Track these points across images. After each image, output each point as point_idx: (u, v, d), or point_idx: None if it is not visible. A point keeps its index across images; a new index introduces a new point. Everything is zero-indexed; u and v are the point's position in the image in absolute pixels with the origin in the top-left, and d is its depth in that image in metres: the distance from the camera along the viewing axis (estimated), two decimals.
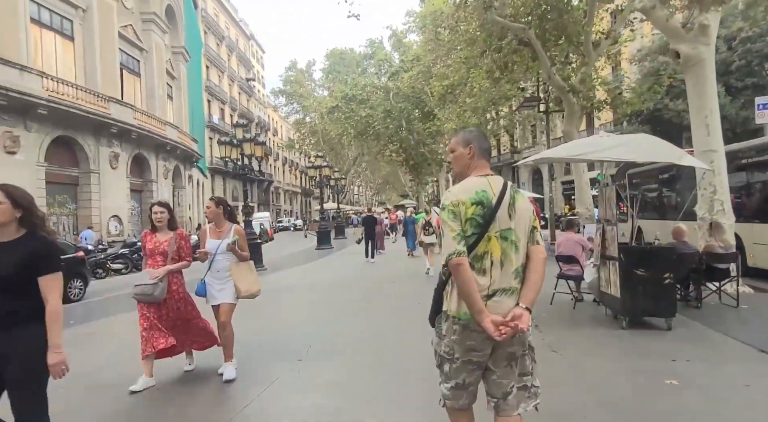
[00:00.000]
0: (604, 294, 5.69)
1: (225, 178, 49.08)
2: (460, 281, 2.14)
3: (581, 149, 5.86)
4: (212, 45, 47.16)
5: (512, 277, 2.21)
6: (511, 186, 2.33)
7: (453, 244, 2.15)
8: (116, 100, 22.13)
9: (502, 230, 2.21)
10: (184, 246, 4.65)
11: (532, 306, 2.19)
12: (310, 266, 15.66)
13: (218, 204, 4.70)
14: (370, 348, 5.59)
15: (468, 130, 2.52)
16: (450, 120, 24.61)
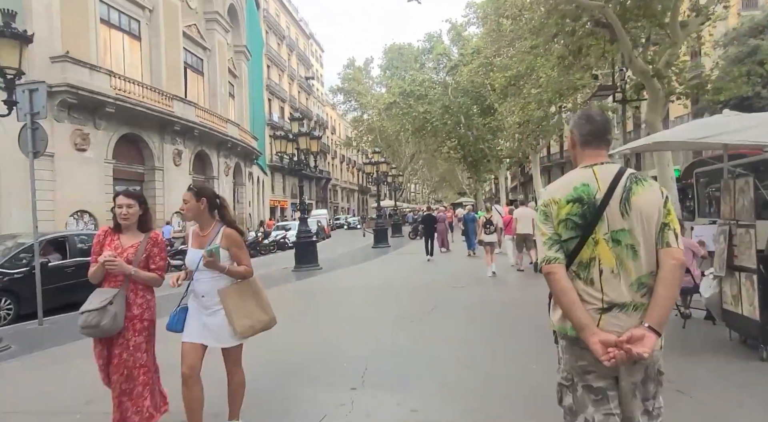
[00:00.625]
0: (730, 313, 4.55)
1: (284, 175, 49.83)
2: (555, 292, 1.89)
3: (703, 131, 4.78)
4: (273, 44, 47.92)
5: (633, 289, 1.82)
6: (629, 175, 1.90)
7: (543, 250, 1.90)
8: (180, 98, 22.59)
9: (614, 231, 1.84)
10: (157, 255, 3.24)
11: (660, 327, 1.79)
12: (366, 266, 15.09)
13: (199, 195, 3.12)
14: (443, 371, 4.65)
15: (576, 113, 2.17)
16: (513, 113, 23.28)
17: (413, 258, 16.61)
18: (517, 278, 10.95)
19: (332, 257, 18.76)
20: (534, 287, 9.35)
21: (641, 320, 1.80)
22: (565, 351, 1.93)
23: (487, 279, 10.69)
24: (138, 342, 3.11)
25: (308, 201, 58.56)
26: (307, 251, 14.08)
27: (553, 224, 1.90)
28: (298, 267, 13.96)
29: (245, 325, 3.08)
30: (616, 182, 1.86)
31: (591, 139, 1.99)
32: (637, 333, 1.75)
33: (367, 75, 55.64)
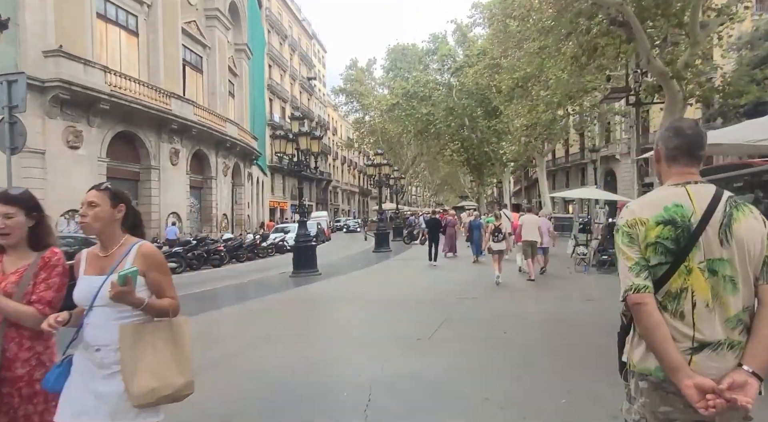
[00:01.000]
0: None
1: (284, 176, 49.24)
2: (643, 327, 1.66)
3: (762, 133, 4.17)
4: (275, 44, 47.38)
5: (729, 327, 1.64)
6: (728, 199, 1.71)
7: (630, 277, 1.67)
8: (178, 96, 22.00)
9: (710, 260, 1.65)
10: (42, 282, 2.18)
11: (763, 371, 1.59)
12: (368, 272, 14.45)
13: (116, 198, 2.17)
14: (465, 406, 3.96)
15: (664, 125, 1.92)
16: (519, 115, 22.66)
17: (416, 264, 15.97)
18: (526, 287, 10.31)
19: (332, 261, 18.12)
20: (546, 299, 8.71)
21: (738, 362, 1.62)
22: (642, 394, 1.72)
23: (497, 289, 10.06)
24: (28, 413, 2.12)
25: (308, 202, 57.95)
26: (306, 256, 13.45)
27: (639, 247, 1.69)
28: (296, 273, 13.33)
29: (144, 388, 1.93)
30: (714, 206, 1.68)
31: (679, 155, 1.78)
32: (738, 378, 1.57)
33: (370, 76, 55.00)
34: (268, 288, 11.63)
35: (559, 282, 10.90)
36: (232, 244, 19.67)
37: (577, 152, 49.89)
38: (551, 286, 10.25)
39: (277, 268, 16.21)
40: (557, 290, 9.73)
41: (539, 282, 10.90)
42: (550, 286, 10.25)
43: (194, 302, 9.99)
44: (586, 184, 49.98)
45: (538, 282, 10.80)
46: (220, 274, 15.90)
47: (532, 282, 10.92)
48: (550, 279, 11.52)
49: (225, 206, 27.56)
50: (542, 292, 9.58)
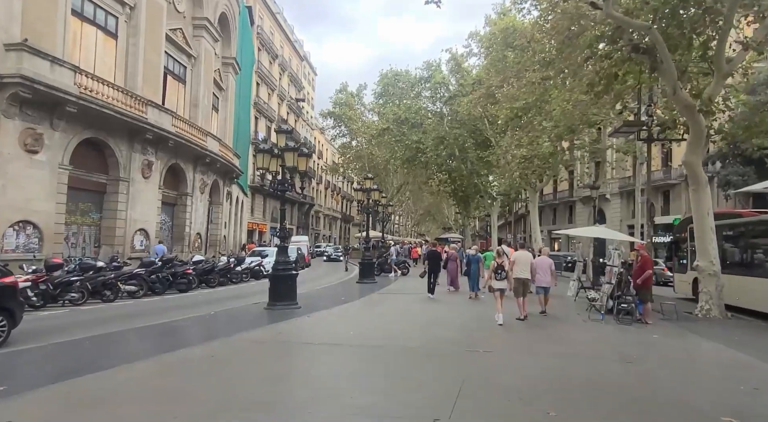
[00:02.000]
0: None
1: (265, 197, 47.50)
2: None
3: None
4: (265, 62, 46.38)
5: None
6: None
7: None
8: (155, 105, 20.43)
9: None
10: None
11: None
12: (353, 307, 12.81)
13: None
14: None
15: None
16: (519, 146, 21.60)
17: (407, 299, 14.40)
18: (541, 337, 8.85)
19: (312, 292, 16.44)
20: (575, 356, 7.22)
21: None
22: None
23: (507, 336, 8.60)
24: None
25: (289, 226, 56.10)
26: (285, 286, 11.80)
27: None
28: (272, 305, 11.65)
29: None
30: None
31: None
32: None
33: (360, 101, 54.20)
34: (237, 323, 9.93)
35: (578, 332, 9.45)
36: (203, 267, 17.84)
37: (565, 189, 49.50)
38: (572, 339, 8.79)
39: (251, 297, 14.49)
40: (582, 345, 8.26)
41: (556, 331, 9.49)
42: (571, 339, 8.79)
43: (146, 339, 8.27)
44: (573, 222, 49.45)
45: (555, 332, 9.38)
46: (185, 302, 14.08)
47: (541, 330, 9.48)
48: (564, 326, 10.09)
49: (200, 225, 25.72)
50: (565, 346, 8.09)
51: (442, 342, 8.09)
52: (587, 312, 11.72)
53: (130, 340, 8.25)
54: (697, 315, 11.61)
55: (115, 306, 12.77)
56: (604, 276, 12.23)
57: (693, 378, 6.16)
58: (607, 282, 12.02)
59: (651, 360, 7.15)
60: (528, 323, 10.19)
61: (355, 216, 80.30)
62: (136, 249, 20.16)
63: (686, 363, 7.15)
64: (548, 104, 20.86)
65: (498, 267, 10.26)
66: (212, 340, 7.96)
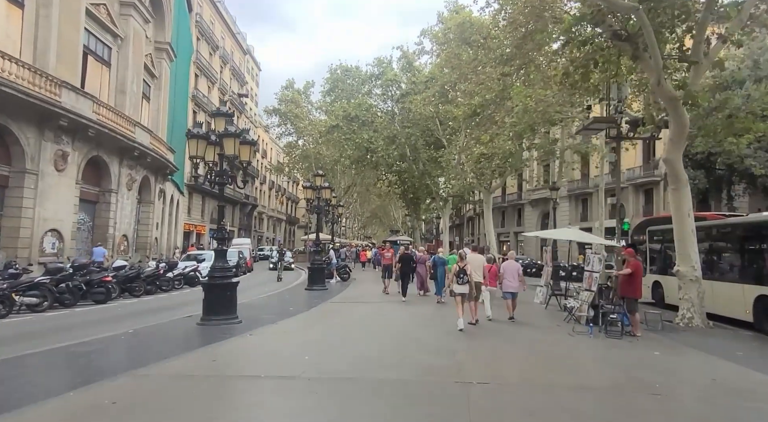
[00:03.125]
0: None
1: (204, 196, 44.39)
2: None
3: None
4: (204, 53, 43.38)
5: None
6: None
7: None
8: (71, 87, 17.71)
9: None
10: None
11: None
12: (305, 320, 11.06)
13: None
14: None
15: None
16: (478, 143, 20.58)
17: (367, 309, 12.82)
18: (531, 352, 7.58)
19: (255, 300, 14.51)
20: (591, 389, 5.91)
21: None
22: None
23: (510, 366, 7.19)
24: None
25: (230, 228, 52.98)
26: (223, 297, 9.90)
27: None
28: (206, 320, 9.73)
29: None
30: None
31: None
32: None
33: (307, 99, 52.04)
34: (159, 346, 7.96)
35: (572, 350, 8.19)
36: (126, 274, 15.43)
37: (514, 192, 49.69)
38: (573, 361, 7.49)
39: (183, 309, 12.41)
40: (589, 370, 6.95)
41: (547, 348, 8.25)
42: (572, 361, 7.50)
43: (20, 375, 6.14)
44: (522, 225, 49.70)
45: (548, 350, 8.14)
46: (99, 316, 11.79)
47: (529, 347, 8.22)
48: (550, 340, 8.87)
49: (126, 226, 22.92)
50: (572, 373, 6.72)
51: (424, 369, 6.57)
52: (566, 322, 10.63)
53: (31, 369, 6.19)
54: (679, 324, 10.81)
55: (4, 324, 10.34)
56: (582, 283, 11.19)
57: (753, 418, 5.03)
58: (585, 289, 10.99)
59: (679, 390, 5.98)
60: (511, 338, 8.93)
61: (301, 218, 77.73)
62: (47, 253, 17.33)
63: (721, 392, 5.94)
64: (508, 101, 20.02)
65: (460, 271, 9.71)
66: (119, 375, 5.99)
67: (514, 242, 48.15)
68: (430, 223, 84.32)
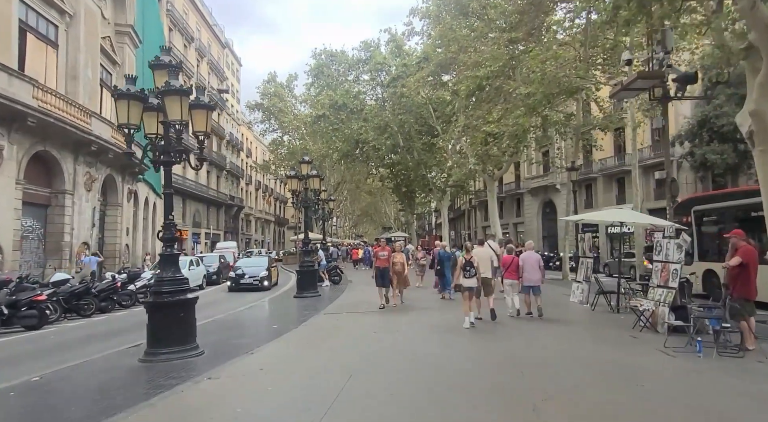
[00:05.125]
0: None
1: (185, 199, 41.32)
2: None
3: None
4: (178, 44, 40.30)
5: None
6: None
7: None
8: (2, 67, 14.76)
9: None
10: None
11: None
12: (290, 346, 8.26)
13: None
14: None
15: None
16: (486, 122, 17.87)
17: (371, 323, 10.06)
18: (634, 391, 4.96)
19: (230, 315, 11.74)
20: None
21: None
22: None
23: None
24: None
25: (215, 231, 49.93)
26: (174, 321, 7.13)
27: None
28: (152, 354, 6.98)
29: None
30: None
31: None
32: None
33: (291, 93, 49.11)
34: (65, 409, 5.19)
35: (701, 389, 5.55)
36: (72, 290, 12.53)
37: (512, 181, 47.15)
38: (716, 411, 4.87)
39: (136, 333, 9.56)
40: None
41: (655, 384, 5.59)
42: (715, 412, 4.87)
43: None
44: (522, 215, 47.16)
45: (661, 389, 5.47)
46: (16, 349, 8.96)
47: (626, 384, 5.56)
48: (658, 369, 6.21)
49: (86, 232, 19.97)
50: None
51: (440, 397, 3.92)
52: (639, 331, 8.01)
53: None
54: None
55: None
56: (655, 278, 8.54)
57: None
58: (658, 285, 8.36)
59: None
60: (587, 362, 6.27)
61: (290, 218, 74.55)
62: None
63: None
64: (518, 70, 17.42)
65: (467, 263, 9.15)
66: None
67: (513, 233, 45.63)
68: (423, 219, 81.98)
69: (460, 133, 24.78)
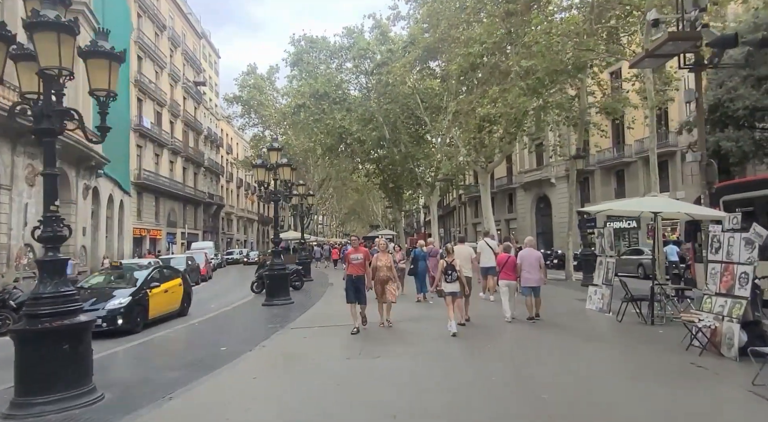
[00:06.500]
0: None
1: (158, 197, 38.85)
2: None
3: None
4: (148, 32, 37.77)
5: None
6: None
7: None
8: None
9: None
10: None
11: None
12: (235, 384, 6.09)
13: None
14: None
15: None
16: (481, 104, 15.83)
17: (347, 348, 7.97)
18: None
19: (174, 331, 9.58)
20: None
21: None
22: None
23: None
24: None
25: (193, 230, 47.41)
26: (56, 357, 4.97)
27: None
28: (21, 406, 4.82)
29: None
30: None
31: None
32: None
33: (272, 86, 46.73)
34: None
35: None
36: None
37: (503, 176, 45.31)
38: None
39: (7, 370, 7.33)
40: None
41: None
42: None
43: None
44: (515, 211, 45.38)
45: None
46: None
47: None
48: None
49: (28, 233, 17.55)
50: None
51: None
52: (698, 354, 6.04)
53: None
54: None
55: None
56: (712, 283, 6.57)
57: None
58: (718, 293, 6.40)
59: None
60: (635, 412, 4.26)
61: (269, 215, 71.96)
62: None
63: None
64: (516, 45, 15.43)
65: (448, 267, 8.41)
66: None
67: (506, 230, 43.82)
68: (411, 217, 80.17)
69: (450, 122, 22.78)
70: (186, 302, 12.86)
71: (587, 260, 15.53)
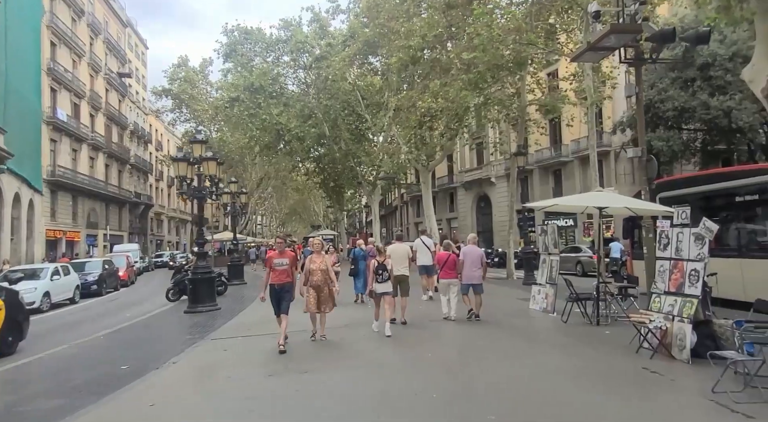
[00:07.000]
0: None
1: (75, 196, 35.69)
2: None
3: None
4: (63, 17, 34.56)
5: None
6: None
7: None
8: None
9: None
10: None
11: None
12: (130, 406, 5.09)
13: None
14: None
15: None
16: (422, 98, 15.31)
17: (262, 360, 7.03)
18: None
19: (64, 353, 8.21)
20: None
21: None
22: None
23: None
24: None
25: (117, 232, 44.03)
26: None
27: None
28: None
29: None
30: None
31: None
32: None
33: (205, 79, 44.30)
34: None
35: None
36: None
37: (444, 175, 45.47)
38: None
39: None
40: None
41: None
42: None
43: None
44: (456, 210, 45.64)
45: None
46: None
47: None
48: None
49: None
50: None
51: None
52: (649, 358, 5.66)
53: None
54: None
55: None
56: (661, 281, 6.24)
57: None
58: (667, 292, 6.08)
59: None
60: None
61: (210, 217, 68.58)
62: None
63: None
64: (457, 39, 15.04)
65: (379, 266, 8.19)
66: None
67: (447, 229, 44.02)
68: (353, 217, 79.34)
69: (391, 119, 22.21)
70: (12, 335, 8.38)
71: (528, 258, 15.42)
